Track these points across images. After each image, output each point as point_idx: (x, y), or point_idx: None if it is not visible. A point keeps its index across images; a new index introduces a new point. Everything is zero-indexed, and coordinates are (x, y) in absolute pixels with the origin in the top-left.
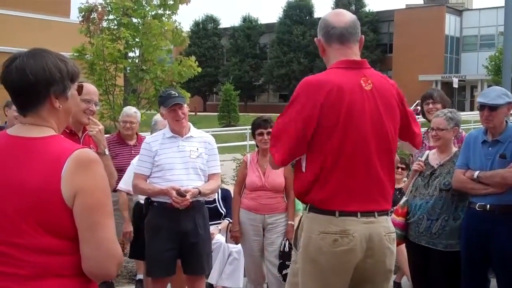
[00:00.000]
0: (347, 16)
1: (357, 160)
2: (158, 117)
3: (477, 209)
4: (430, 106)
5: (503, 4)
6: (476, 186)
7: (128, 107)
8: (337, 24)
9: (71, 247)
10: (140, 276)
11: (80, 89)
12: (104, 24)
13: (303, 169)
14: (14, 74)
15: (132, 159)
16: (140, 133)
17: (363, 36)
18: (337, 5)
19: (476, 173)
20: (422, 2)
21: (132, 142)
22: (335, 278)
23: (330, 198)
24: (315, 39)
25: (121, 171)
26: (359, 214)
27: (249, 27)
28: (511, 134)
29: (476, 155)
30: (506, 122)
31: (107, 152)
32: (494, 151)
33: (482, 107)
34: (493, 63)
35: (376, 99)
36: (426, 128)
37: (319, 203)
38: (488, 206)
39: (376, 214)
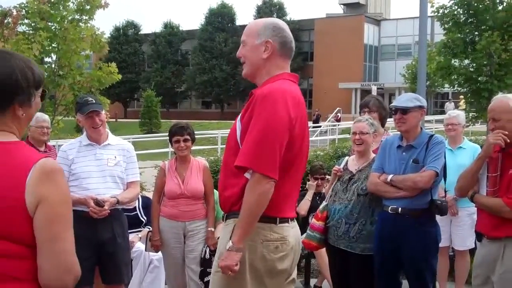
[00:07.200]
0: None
1: (301, 170)
2: None
3: (390, 212)
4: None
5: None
6: (389, 189)
7: (39, 113)
8: (292, 40)
9: (30, 252)
10: None
11: (43, 95)
12: (20, 28)
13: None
14: None
15: None
16: (58, 140)
17: None
18: (259, 13)
19: (390, 176)
20: (341, 12)
21: (42, 148)
22: (272, 282)
23: (274, 206)
24: (264, 40)
25: None
26: (289, 220)
27: (171, 33)
28: (425, 140)
29: (391, 159)
30: (421, 128)
31: None
32: (408, 156)
33: (395, 111)
34: (410, 71)
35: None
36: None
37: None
38: (399, 209)
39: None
